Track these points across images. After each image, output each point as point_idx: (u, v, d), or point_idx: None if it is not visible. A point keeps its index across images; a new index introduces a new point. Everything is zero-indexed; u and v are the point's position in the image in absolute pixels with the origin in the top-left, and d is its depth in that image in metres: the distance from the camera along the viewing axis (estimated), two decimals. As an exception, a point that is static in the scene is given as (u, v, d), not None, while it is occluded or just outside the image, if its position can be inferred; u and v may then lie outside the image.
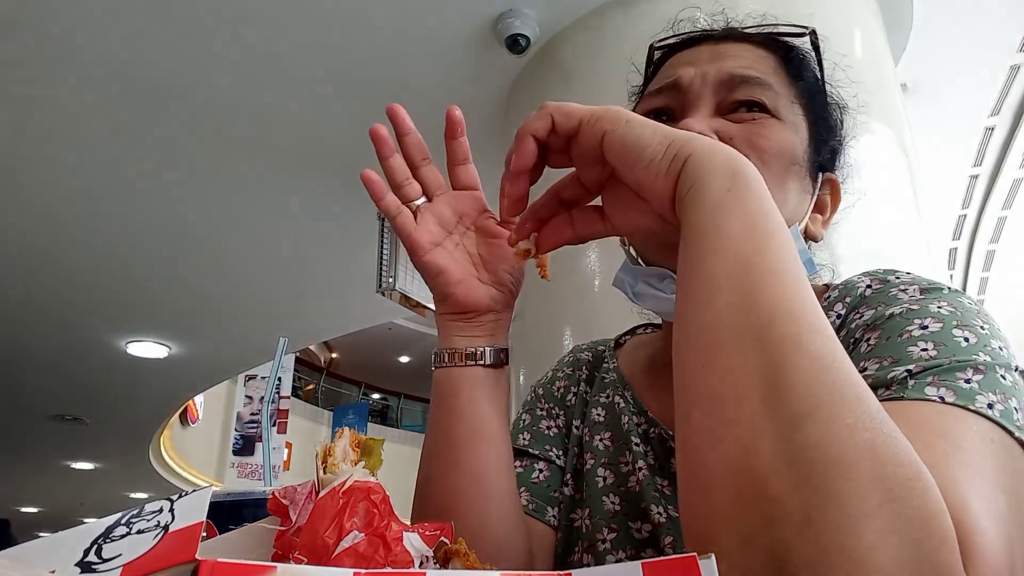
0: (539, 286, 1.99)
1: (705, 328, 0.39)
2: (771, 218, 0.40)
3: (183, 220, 3.41)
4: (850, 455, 0.32)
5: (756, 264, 0.38)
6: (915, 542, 0.31)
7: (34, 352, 4.95)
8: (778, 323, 0.36)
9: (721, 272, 0.39)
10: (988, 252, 4.54)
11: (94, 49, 2.31)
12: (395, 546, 0.32)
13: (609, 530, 0.62)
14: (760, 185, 0.42)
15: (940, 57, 2.67)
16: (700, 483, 0.36)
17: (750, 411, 0.34)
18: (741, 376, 0.36)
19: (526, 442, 0.71)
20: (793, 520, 0.32)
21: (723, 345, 0.37)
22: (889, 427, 0.34)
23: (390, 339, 11.78)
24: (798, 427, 0.33)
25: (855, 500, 0.31)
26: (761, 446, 0.33)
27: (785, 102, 0.60)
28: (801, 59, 0.64)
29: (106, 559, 0.29)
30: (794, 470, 0.32)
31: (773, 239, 0.39)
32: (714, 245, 0.40)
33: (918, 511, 0.31)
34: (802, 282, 0.38)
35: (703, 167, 0.42)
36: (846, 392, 0.34)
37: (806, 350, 0.35)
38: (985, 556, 0.33)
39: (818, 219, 0.64)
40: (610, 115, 0.45)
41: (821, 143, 0.63)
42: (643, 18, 1.94)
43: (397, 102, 0.60)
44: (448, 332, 0.59)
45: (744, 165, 0.42)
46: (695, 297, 0.40)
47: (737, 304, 0.37)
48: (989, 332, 0.47)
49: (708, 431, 0.36)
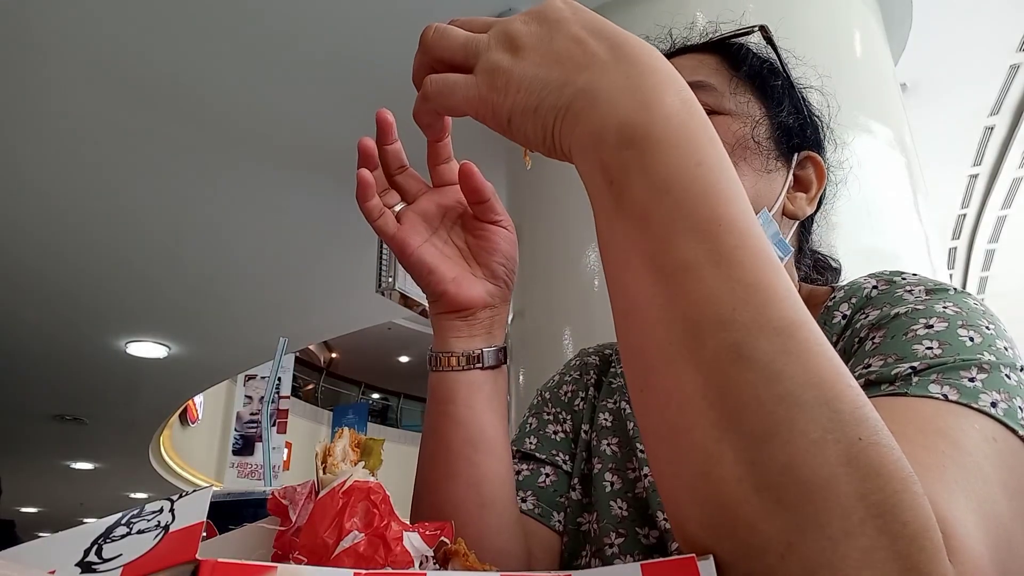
0: (539, 287, 1.99)
1: (634, 348, 0.35)
2: (667, 191, 0.33)
3: (183, 220, 3.41)
4: (822, 473, 0.29)
5: (661, 263, 0.33)
6: (904, 556, 0.29)
7: (34, 352, 4.95)
8: (706, 334, 0.31)
9: (631, 282, 0.34)
10: (988, 252, 4.54)
11: (95, 48, 2.31)
12: (395, 546, 0.32)
13: (617, 535, 0.62)
14: (646, 146, 0.34)
15: (940, 57, 2.67)
16: (673, 512, 0.34)
17: (703, 437, 0.31)
18: (683, 400, 0.32)
19: (532, 446, 0.71)
20: (773, 546, 0.29)
21: (654, 367, 0.33)
22: (867, 431, 0.30)
23: (390, 339, 11.78)
24: (759, 450, 0.30)
25: (835, 519, 0.29)
26: (724, 474, 0.30)
27: (729, 94, 0.62)
28: (742, 50, 0.66)
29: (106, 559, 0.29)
30: (764, 496, 0.30)
31: (676, 219, 0.33)
32: (616, 252, 0.35)
33: (907, 526, 0.29)
34: (727, 264, 0.32)
35: (585, 167, 0.37)
36: (807, 399, 0.30)
37: (747, 359, 0.30)
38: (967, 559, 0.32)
39: (801, 196, 0.64)
40: (489, 118, 0.41)
41: (785, 123, 0.64)
42: (643, 18, 1.94)
43: (398, 101, 0.58)
44: (444, 333, 0.57)
45: (622, 126, 0.35)
46: (617, 310, 0.36)
47: (656, 318, 0.33)
48: (995, 332, 0.47)
49: (668, 461, 0.33)
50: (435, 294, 0.57)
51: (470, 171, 0.55)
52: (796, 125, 0.64)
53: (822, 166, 0.66)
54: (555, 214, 1.96)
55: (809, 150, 0.66)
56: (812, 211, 0.65)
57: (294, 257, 3.82)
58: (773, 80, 0.65)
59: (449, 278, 0.56)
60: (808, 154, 0.65)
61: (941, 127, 3.16)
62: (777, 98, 0.64)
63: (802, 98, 0.67)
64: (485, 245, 0.57)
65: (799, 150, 0.65)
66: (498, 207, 0.57)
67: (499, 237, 0.58)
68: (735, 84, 0.63)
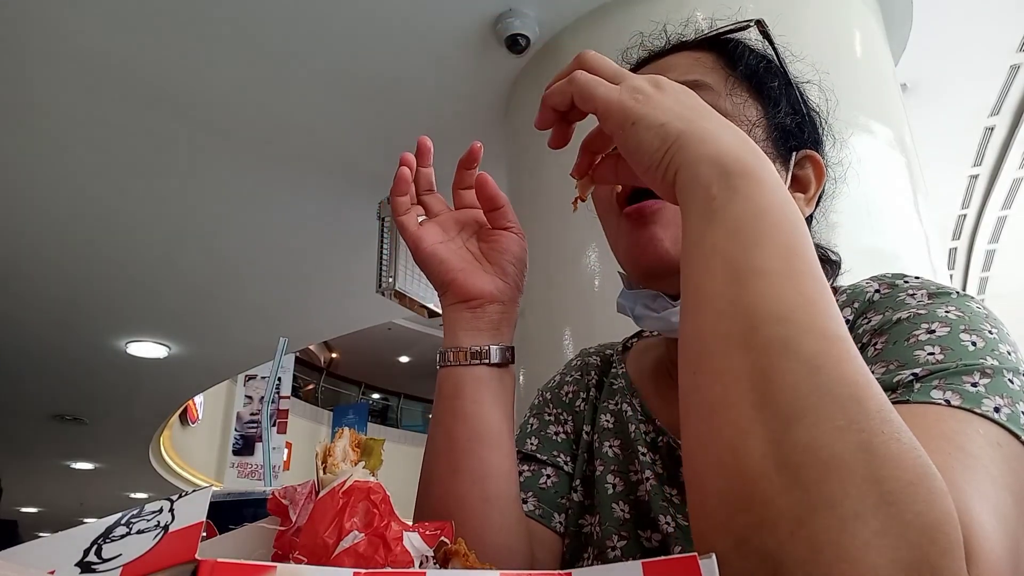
0: (539, 287, 1.99)
1: (695, 336, 0.39)
2: (761, 216, 0.40)
3: (183, 220, 3.41)
4: (841, 457, 0.32)
5: (741, 268, 0.38)
6: (914, 546, 0.30)
7: (34, 352, 4.95)
8: (764, 325, 0.36)
9: (707, 281, 0.39)
10: (988, 252, 4.54)
11: (94, 51, 2.31)
12: (395, 546, 0.32)
13: (619, 537, 0.62)
14: (751, 180, 0.41)
15: (940, 57, 2.67)
16: (696, 487, 0.37)
17: (739, 415, 0.35)
18: (729, 381, 0.36)
19: (533, 447, 0.71)
20: (785, 522, 0.32)
21: (711, 351, 0.37)
22: (891, 428, 0.33)
23: (390, 339, 11.78)
24: (787, 430, 0.33)
25: (847, 501, 0.31)
26: (751, 449, 0.33)
27: (725, 94, 0.61)
28: (738, 48, 0.65)
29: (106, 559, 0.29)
30: (784, 472, 0.32)
31: (763, 238, 0.39)
32: (700, 255, 0.40)
33: (920, 516, 0.30)
34: (796, 279, 0.37)
35: (691, 179, 0.42)
36: (839, 393, 0.33)
37: (795, 352, 0.35)
38: (988, 559, 0.33)
39: (800, 197, 0.64)
40: (618, 115, 0.45)
41: (783, 122, 0.63)
42: (643, 18, 1.94)
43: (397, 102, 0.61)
44: (453, 327, 0.59)
45: (735, 161, 0.41)
46: (687, 307, 0.41)
47: (722, 310, 0.38)
48: (997, 336, 0.47)
49: (701, 436, 0.37)
50: (444, 283, 0.59)
51: (485, 180, 0.61)
52: (794, 125, 0.64)
53: (821, 164, 0.65)
54: (555, 214, 1.96)
55: (807, 149, 0.65)
56: (810, 211, 0.64)
57: (294, 257, 3.82)
58: (770, 80, 0.64)
59: (458, 268, 0.59)
60: (806, 153, 0.65)
61: (941, 127, 3.16)
62: (774, 98, 0.64)
63: (800, 95, 0.66)
64: (496, 247, 0.61)
65: (797, 150, 0.64)
66: (511, 215, 0.62)
67: (510, 241, 0.61)
68: (732, 83, 0.62)
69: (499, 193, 0.61)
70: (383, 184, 2.80)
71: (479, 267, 0.60)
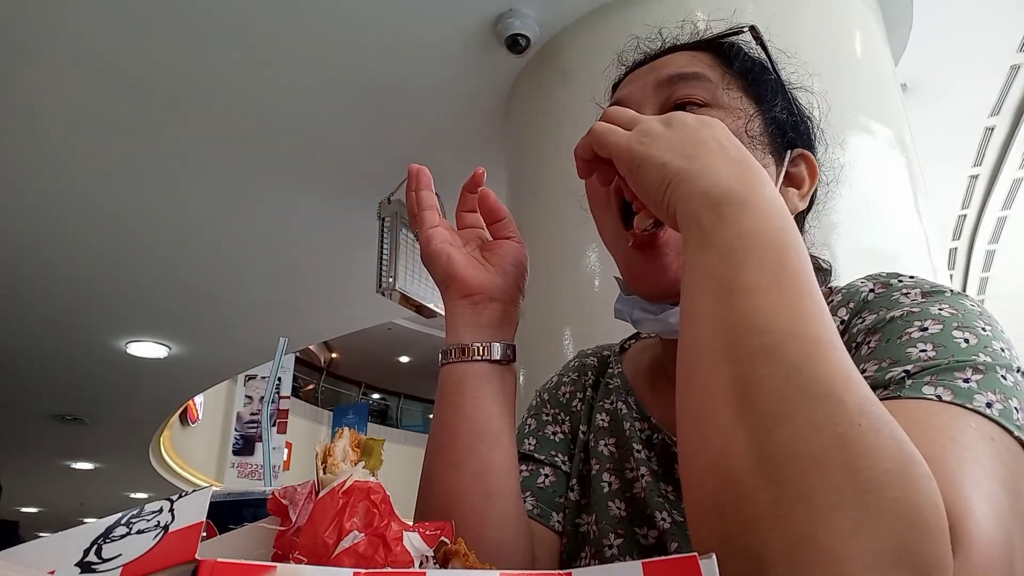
0: (539, 287, 1.99)
1: (687, 351, 0.42)
2: (748, 238, 0.42)
3: (183, 220, 3.41)
4: (816, 451, 0.33)
5: (729, 286, 0.40)
6: (893, 531, 0.31)
7: (34, 352, 4.95)
8: (748, 336, 0.38)
9: (699, 300, 0.42)
10: (988, 252, 4.54)
11: (95, 51, 2.31)
12: (395, 546, 0.32)
13: (616, 535, 0.62)
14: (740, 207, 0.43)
15: (940, 57, 2.67)
16: (690, 489, 0.39)
17: (725, 419, 0.37)
18: (716, 391, 0.38)
19: (531, 447, 0.71)
20: (765, 518, 0.33)
21: (700, 364, 0.40)
22: (870, 420, 0.34)
23: (390, 339, 11.78)
24: (770, 431, 0.35)
25: (822, 493, 0.32)
26: (736, 452, 0.35)
27: (723, 90, 0.63)
28: (734, 48, 0.67)
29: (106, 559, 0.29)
30: (764, 471, 0.34)
31: (751, 257, 0.41)
32: (694, 278, 0.43)
33: (897, 502, 0.31)
34: (782, 292, 0.39)
35: (686, 213, 0.45)
36: (817, 391, 0.35)
37: (777, 358, 0.36)
38: (977, 544, 0.33)
39: (793, 192, 0.65)
40: (625, 159, 0.49)
41: (778, 118, 0.65)
42: (643, 18, 1.94)
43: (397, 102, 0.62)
44: (455, 322, 0.60)
45: (724, 192, 0.44)
46: (682, 325, 0.43)
47: (712, 326, 0.40)
48: (991, 334, 0.47)
49: (693, 444, 0.39)
50: (447, 277, 0.60)
51: (487, 194, 0.65)
52: (789, 122, 0.65)
53: (814, 164, 0.66)
54: (555, 215, 1.96)
55: (801, 148, 0.66)
56: (804, 207, 0.66)
57: (294, 257, 3.82)
58: (765, 76, 0.66)
59: (462, 264, 0.60)
60: (800, 152, 0.66)
61: (941, 127, 3.16)
62: (770, 95, 0.65)
63: (793, 99, 0.68)
64: (498, 251, 0.63)
65: (792, 147, 0.65)
66: (512, 226, 0.65)
67: (512, 248, 0.64)
68: (728, 80, 0.64)
69: (501, 206, 0.65)
70: (383, 184, 2.80)
71: (482, 267, 0.62)
